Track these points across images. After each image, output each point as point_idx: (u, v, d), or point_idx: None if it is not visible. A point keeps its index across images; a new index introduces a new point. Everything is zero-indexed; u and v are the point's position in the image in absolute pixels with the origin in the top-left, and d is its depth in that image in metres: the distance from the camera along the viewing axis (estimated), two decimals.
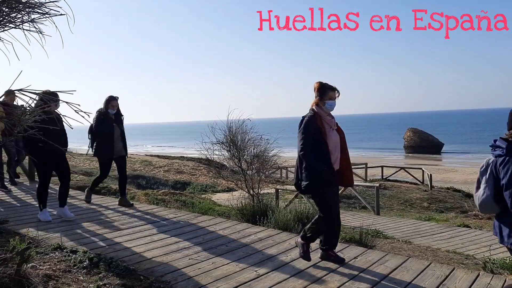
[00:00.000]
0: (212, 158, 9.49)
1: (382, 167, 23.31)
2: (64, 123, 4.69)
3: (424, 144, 49.07)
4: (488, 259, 5.68)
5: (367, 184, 17.47)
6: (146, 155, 28.92)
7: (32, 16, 3.23)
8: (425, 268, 3.97)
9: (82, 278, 3.44)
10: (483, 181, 2.86)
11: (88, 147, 6.73)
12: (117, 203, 6.86)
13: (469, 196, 17.79)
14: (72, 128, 3.05)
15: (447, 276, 3.78)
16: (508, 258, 5.32)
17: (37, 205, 5.67)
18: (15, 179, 8.52)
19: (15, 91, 2.76)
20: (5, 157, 8.28)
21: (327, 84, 4.02)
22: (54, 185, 7.25)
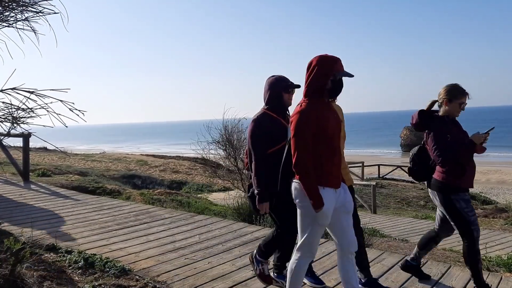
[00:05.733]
0: (208, 158, 9.49)
1: (378, 165, 23.35)
2: None
3: (420, 142, 48.58)
4: (484, 257, 5.69)
5: (364, 182, 17.49)
6: (141, 154, 28.83)
7: (26, 15, 3.21)
8: (421, 266, 3.97)
9: (77, 278, 3.42)
10: None
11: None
12: None
13: None
14: (66, 126, 3.03)
15: (443, 274, 3.78)
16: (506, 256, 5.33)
17: (31, 204, 5.57)
18: None
19: (9, 89, 2.73)
20: None
21: None
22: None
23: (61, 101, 2.71)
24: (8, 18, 3.21)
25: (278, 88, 3.25)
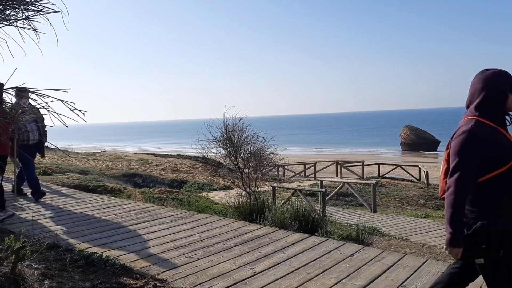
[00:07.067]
0: (209, 156, 9.50)
1: (378, 164, 23.35)
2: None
3: (420, 141, 49.25)
4: None
5: (364, 181, 17.49)
6: (142, 153, 28.84)
7: (27, 14, 3.21)
8: (421, 265, 3.98)
9: (77, 276, 3.43)
10: None
11: None
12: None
13: None
14: (67, 126, 3.03)
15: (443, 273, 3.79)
16: None
17: (32, 202, 5.59)
18: None
19: (9, 89, 2.74)
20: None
21: None
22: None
23: (61, 101, 2.72)
24: (9, 17, 3.21)
25: (502, 87, 2.29)
